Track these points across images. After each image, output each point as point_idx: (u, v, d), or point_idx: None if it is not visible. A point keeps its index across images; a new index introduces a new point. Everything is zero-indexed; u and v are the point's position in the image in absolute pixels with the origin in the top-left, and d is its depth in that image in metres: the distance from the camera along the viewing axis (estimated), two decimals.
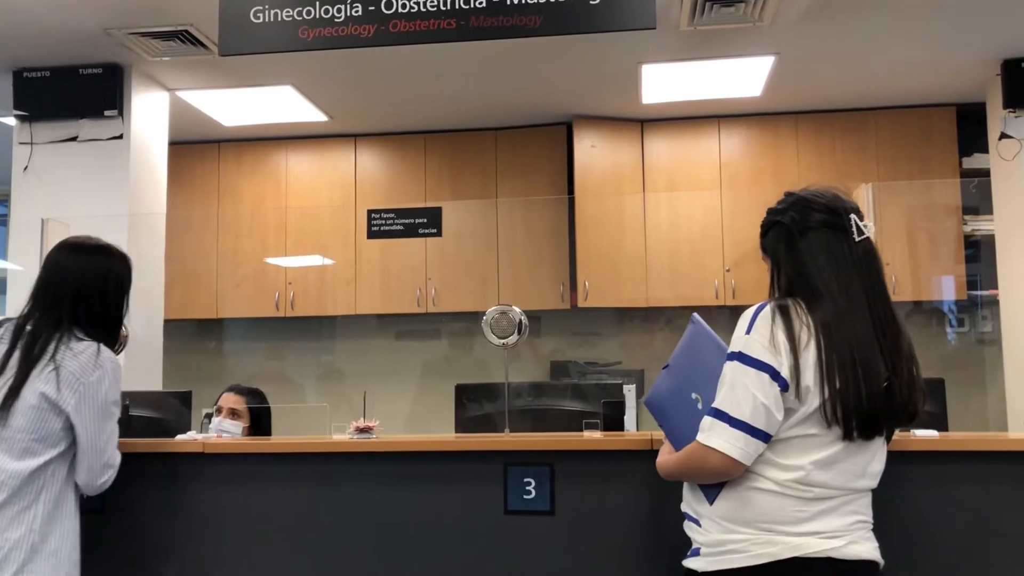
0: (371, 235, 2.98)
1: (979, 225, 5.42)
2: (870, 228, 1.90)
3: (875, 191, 3.16)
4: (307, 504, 2.47)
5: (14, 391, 2.11)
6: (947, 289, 5.57)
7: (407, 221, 3.00)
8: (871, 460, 1.86)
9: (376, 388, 6.03)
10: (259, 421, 3.52)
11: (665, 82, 5.18)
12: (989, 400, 5.32)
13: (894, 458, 1.93)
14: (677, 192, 5.86)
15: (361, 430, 2.49)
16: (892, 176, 5.58)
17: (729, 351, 1.85)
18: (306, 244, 6.20)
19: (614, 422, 2.71)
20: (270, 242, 6.23)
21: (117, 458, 2.25)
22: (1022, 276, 4.72)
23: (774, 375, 1.78)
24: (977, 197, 5.42)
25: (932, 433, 2.29)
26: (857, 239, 1.87)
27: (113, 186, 4.75)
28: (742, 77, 5.11)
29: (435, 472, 2.44)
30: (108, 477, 2.23)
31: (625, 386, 4.47)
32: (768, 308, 1.84)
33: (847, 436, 1.79)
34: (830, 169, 5.64)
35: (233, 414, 3.46)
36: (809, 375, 1.78)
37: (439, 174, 6.19)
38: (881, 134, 5.76)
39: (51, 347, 2.17)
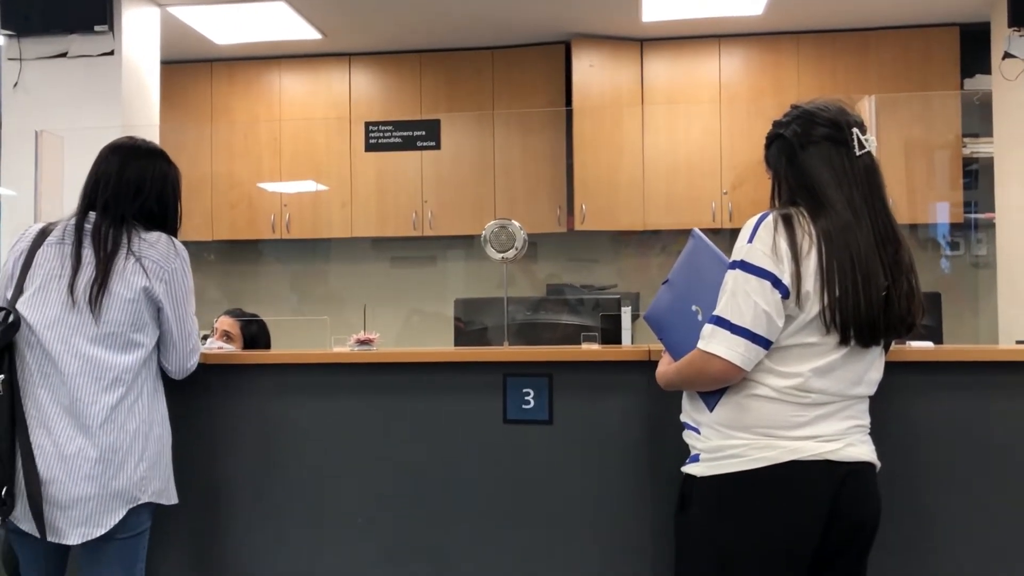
0: (368, 148, 2.95)
1: (978, 148, 5.39)
2: (871, 142, 1.90)
3: (877, 104, 3.13)
4: (308, 416, 2.50)
5: (102, 285, 2.10)
6: (943, 212, 5.56)
7: (405, 134, 2.95)
8: (869, 368, 1.89)
9: (373, 310, 6.05)
10: (254, 346, 3.55)
11: None
12: (981, 320, 5.37)
13: (892, 368, 1.97)
14: (676, 104, 5.79)
15: (362, 342, 2.51)
16: (896, 100, 5.51)
17: (731, 260, 1.86)
18: (301, 166, 6.14)
19: (612, 336, 2.74)
20: (264, 163, 6.17)
21: (200, 342, 2.32)
22: (1019, 199, 4.72)
23: (775, 282, 1.79)
24: (977, 122, 5.37)
25: (928, 344, 2.33)
26: (858, 153, 1.88)
27: (105, 103, 4.67)
28: None
29: (436, 383, 2.47)
30: (195, 360, 2.28)
31: (621, 307, 4.50)
32: (771, 217, 1.85)
33: (844, 342, 1.82)
34: (830, 91, 5.56)
35: (226, 337, 3.48)
36: (810, 282, 1.80)
37: (435, 95, 6.10)
38: (882, 55, 5.68)
39: (123, 239, 2.15)
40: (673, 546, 2.03)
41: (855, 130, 1.89)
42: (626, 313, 5.80)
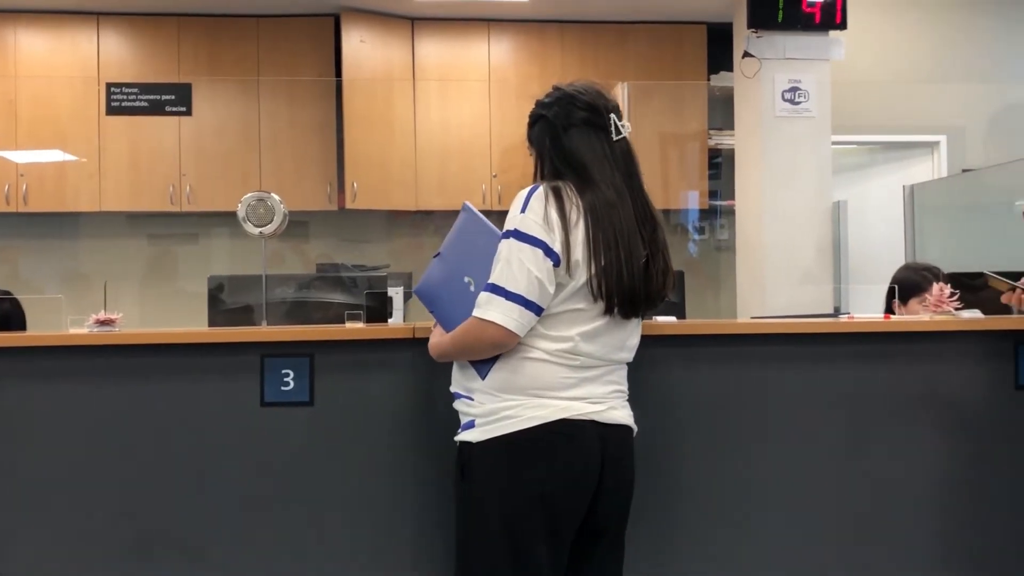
0: (110, 111, 2.71)
1: (722, 140, 5.85)
2: (627, 128, 2.00)
3: (631, 91, 3.29)
4: (45, 403, 2.29)
5: None
6: (693, 199, 5.99)
7: (152, 97, 2.74)
8: (629, 335, 2.01)
9: (127, 290, 5.64)
10: (7, 327, 3.21)
11: None
12: (722, 300, 5.84)
13: (643, 340, 2.08)
14: (447, 82, 5.83)
15: (102, 323, 2.32)
16: (647, 88, 5.86)
17: (504, 230, 1.91)
18: (41, 132, 5.57)
19: (378, 314, 2.70)
20: None
21: None
22: (756, 187, 5.15)
23: (547, 251, 1.86)
24: (721, 116, 5.81)
25: (671, 319, 2.49)
26: (615, 138, 1.97)
27: None
28: None
29: (185, 366, 2.33)
30: None
31: (393, 288, 4.44)
32: (541, 188, 1.91)
33: (609, 311, 1.92)
34: (592, 79, 5.81)
35: None
36: (579, 251, 1.88)
37: (194, 63, 5.74)
38: (639, 49, 6.01)
39: None
40: (449, 516, 2.05)
41: (612, 116, 1.98)
42: (398, 293, 5.80)
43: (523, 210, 1.89)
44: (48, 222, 5.79)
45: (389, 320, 3.07)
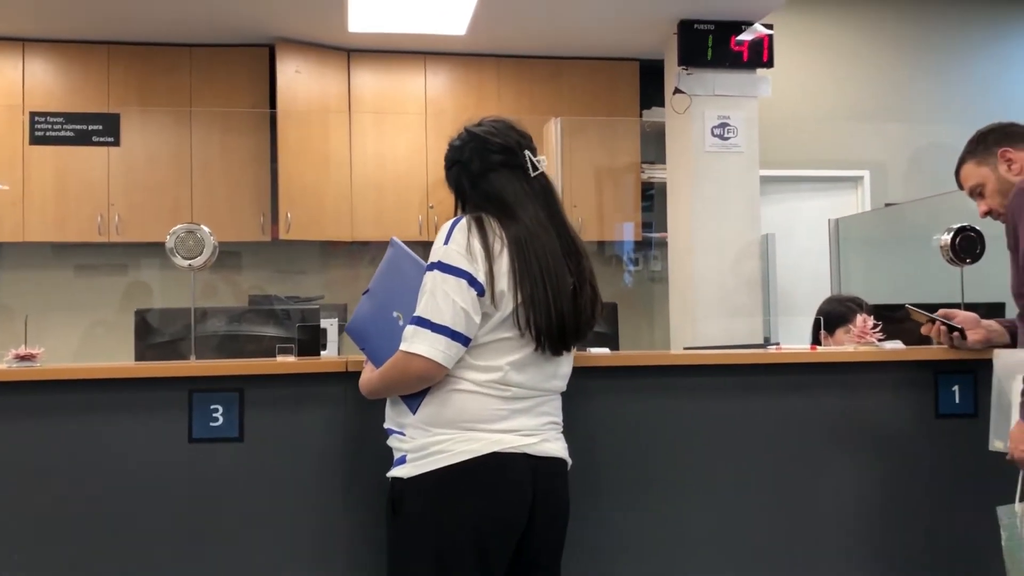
0: (34, 140, 2.64)
1: (655, 173, 5.97)
2: (543, 163, 2.02)
3: (564, 126, 3.33)
4: None
5: None
6: (626, 232, 6.09)
7: (78, 127, 2.67)
8: (561, 363, 2.01)
9: (51, 325, 5.46)
10: None
11: (372, 10, 5.10)
12: (656, 330, 5.92)
13: (575, 372, 2.09)
14: (384, 114, 5.84)
15: (22, 358, 2.25)
16: (581, 123, 5.95)
17: (428, 262, 1.91)
18: None
19: (310, 347, 2.66)
20: None
21: None
22: (687, 220, 5.25)
23: (471, 281, 1.86)
24: (653, 150, 5.93)
25: (604, 350, 2.51)
26: (533, 174, 1.99)
27: None
28: (448, 12, 5.16)
29: (110, 401, 2.27)
30: None
31: (327, 320, 4.39)
32: (464, 220, 1.92)
33: (538, 346, 1.92)
34: (528, 112, 5.89)
35: None
36: (504, 281, 1.88)
37: (125, 92, 5.64)
38: (574, 83, 6.11)
39: None
40: (382, 553, 2.02)
41: (527, 153, 2.00)
42: (332, 324, 5.72)
43: (446, 242, 1.90)
44: None
45: (323, 352, 3.04)
